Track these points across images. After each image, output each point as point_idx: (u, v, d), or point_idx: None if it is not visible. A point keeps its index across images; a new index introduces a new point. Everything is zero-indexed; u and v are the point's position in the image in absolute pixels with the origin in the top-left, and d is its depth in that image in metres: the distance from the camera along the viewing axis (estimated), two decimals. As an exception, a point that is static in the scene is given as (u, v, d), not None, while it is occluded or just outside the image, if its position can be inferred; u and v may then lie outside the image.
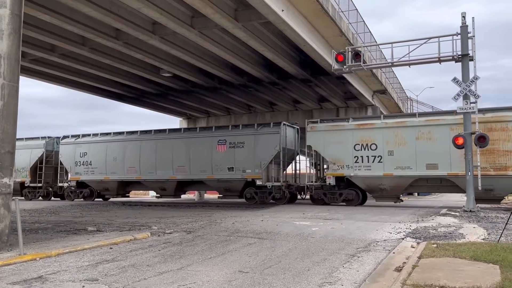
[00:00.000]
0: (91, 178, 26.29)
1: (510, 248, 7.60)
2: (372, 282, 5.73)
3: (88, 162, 26.29)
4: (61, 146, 27.43)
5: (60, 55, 21.18)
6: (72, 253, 7.91)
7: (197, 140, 23.52)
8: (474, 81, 15.98)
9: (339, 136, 20.53)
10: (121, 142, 25.68)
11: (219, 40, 19.30)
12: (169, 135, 24.60)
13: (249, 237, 9.91)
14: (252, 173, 21.92)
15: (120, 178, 25.44)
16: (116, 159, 25.44)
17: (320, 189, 21.22)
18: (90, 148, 26.47)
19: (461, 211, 15.55)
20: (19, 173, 28.31)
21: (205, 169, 22.96)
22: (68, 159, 27.03)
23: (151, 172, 24.43)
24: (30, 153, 28.14)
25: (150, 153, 24.52)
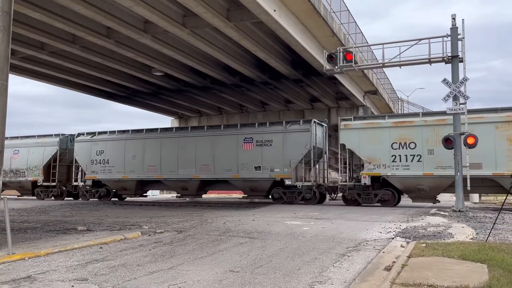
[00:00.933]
0: (108, 177, 25.43)
1: (498, 248, 7.69)
2: (362, 281, 5.77)
3: (105, 161, 25.47)
4: (76, 143, 26.61)
5: (50, 53, 21.00)
6: (62, 252, 7.86)
7: (221, 138, 22.82)
8: (464, 83, 16.14)
9: (375, 134, 19.75)
10: (141, 139, 24.86)
11: (211, 39, 19.27)
12: (192, 133, 23.92)
13: (240, 237, 9.92)
14: (280, 172, 21.25)
15: (139, 177, 24.59)
16: (135, 157, 24.62)
17: (354, 189, 20.42)
18: (107, 146, 25.63)
19: (450, 211, 15.70)
20: (30, 172, 27.87)
21: (230, 168, 22.27)
22: (83, 157, 26.22)
23: (172, 171, 23.64)
24: (43, 151, 27.49)
25: (172, 151, 23.74)
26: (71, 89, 28.46)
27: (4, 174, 28.05)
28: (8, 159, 28.02)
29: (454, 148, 16.27)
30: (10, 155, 28.33)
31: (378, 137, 19.79)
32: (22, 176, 28.22)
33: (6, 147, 28.32)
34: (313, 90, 26.72)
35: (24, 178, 28.19)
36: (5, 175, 28.09)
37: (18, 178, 28.34)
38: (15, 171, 28.41)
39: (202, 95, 28.50)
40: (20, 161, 28.24)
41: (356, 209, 18.35)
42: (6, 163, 27.84)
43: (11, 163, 28.43)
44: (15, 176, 28.42)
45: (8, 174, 28.29)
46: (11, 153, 28.44)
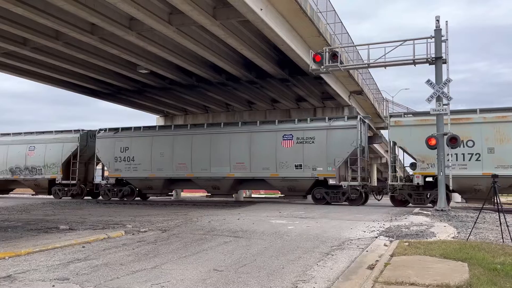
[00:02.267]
0: (133, 175, 24.23)
1: (478, 247, 7.83)
2: (345, 280, 5.80)
3: (130, 158, 24.28)
4: (98, 140, 25.39)
5: (33, 49, 20.64)
6: (43, 252, 7.73)
7: (258, 135, 21.77)
8: (447, 84, 16.39)
9: (429, 132, 18.07)
10: (169, 136, 23.74)
11: (197, 37, 19.18)
12: (226, 129, 22.87)
13: (225, 236, 9.89)
14: (324, 171, 20.21)
15: (168, 175, 23.49)
16: (164, 154, 23.51)
17: (404, 190, 19.42)
18: (132, 142, 24.47)
19: (433, 210, 15.93)
20: (48, 169, 26.60)
21: (268, 166, 21.18)
22: (106, 154, 25.07)
23: (204, 169, 22.53)
24: (61, 148, 26.33)
25: (204, 148, 22.66)
26: (54, 86, 28.01)
27: (19, 172, 27.31)
28: (23, 155, 27.26)
29: (438, 148, 16.51)
30: (25, 152, 27.29)
31: None
32: (39, 173, 26.88)
33: (20, 143, 27.42)
34: (299, 90, 26.81)
35: (40, 176, 26.85)
36: (19, 172, 27.32)
37: (34, 175, 27.02)
38: (31, 168, 27.11)
39: (188, 93, 28.35)
40: (37, 158, 26.94)
41: (340, 208, 18.46)
42: (20, 160, 27.19)
43: (26, 160, 27.23)
44: (30, 174, 27.12)
45: (23, 171, 27.21)
46: (26, 149, 27.33)
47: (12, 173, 27.54)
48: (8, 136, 28.56)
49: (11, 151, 27.68)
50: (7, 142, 28.05)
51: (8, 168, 27.61)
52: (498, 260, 6.60)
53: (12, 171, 27.54)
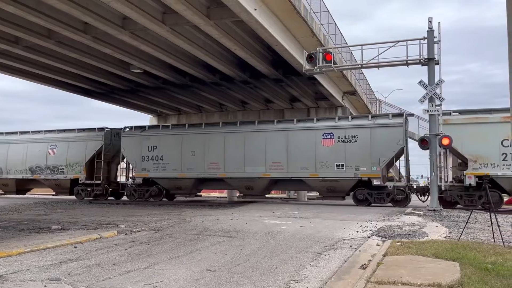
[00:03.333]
0: (161, 175, 23.34)
1: (470, 246, 7.89)
2: (337, 280, 5.83)
3: (159, 157, 23.38)
4: (124, 138, 24.55)
5: (25, 48, 20.45)
6: (34, 252, 7.68)
7: (296, 133, 20.91)
8: (439, 84, 16.51)
9: (482, 130, 17.92)
10: (201, 134, 22.94)
11: (191, 37, 19.13)
12: (261, 127, 22.01)
13: (218, 236, 9.89)
14: (367, 171, 19.36)
15: (199, 175, 22.62)
16: (195, 153, 22.66)
17: (453, 190, 18.52)
18: (160, 141, 23.58)
19: (425, 211, 16.03)
20: (71, 169, 25.54)
21: (306, 166, 20.31)
22: (132, 153, 24.18)
23: (238, 168, 21.70)
24: (85, 146, 25.35)
25: (237, 147, 21.80)
26: (47, 85, 27.78)
27: (39, 171, 26.33)
28: (44, 154, 26.22)
29: (430, 149, 16.62)
30: (46, 150, 26.22)
31: (485, 133, 17.99)
32: (61, 173, 25.83)
33: (41, 142, 26.48)
34: (293, 90, 26.84)
35: (62, 175, 25.79)
36: (40, 172, 26.32)
37: (56, 175, 25.93)
38: (52, 167, 26.04)
39: (181, 93, 28.26)
40: (58, 157, 25.93)
41: (333, 208, 18.51)
42: (41, 159, 26.25)
43: (47, 159, 26.16)
44: (51, 173, 26.03)
45: (43, 171, 26.15)
46: (47, 148, 26.26)
47: (32, 173, 26.55)
48: (27, 134, 27.58)
49: (31, 149, 26.69)
50: (26, 140, 27.09)
51: (28, 167, 26.60)
52: (489, 260, 6.66)
53: (32, 170, 26.54)
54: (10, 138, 27.67)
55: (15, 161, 26.97)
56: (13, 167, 27.04)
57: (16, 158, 26.97)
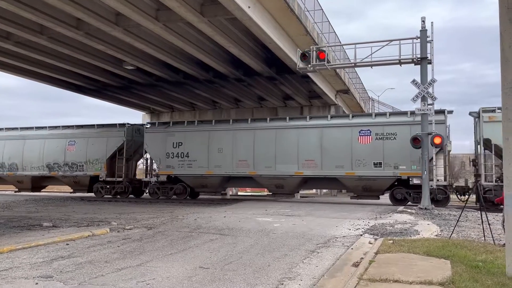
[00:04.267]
0: (187, 172, 22.59)
1: (460, 244, 7.96)
2: (330, 277, 5.85)
3: (185, 154, 22.64)
4: (147, 134, 23.82)
5: (16, 43, 20.26)
6: (26, 249, 7.62)
7: (331, 130, 20.24)
8: (432, 84, 16.62)
9: None
10: (229, 131, 22.20)
11: (185, 34, 19.06)
12: (292, 123, 21.33)
13: (211, 233, 9.89)
14: (407, 170, 18.73)
15: (227, 173, 21.95)
16: (222, 150, 21.97)
17: (499, 190, 17.65)
18: (186, 137, 22.85)
19: (417, 209, 16.14)
20: (90, 165, 24.76)
21: (342, 164, 19.67)
22: (156, 150, 23.43)
23: (268, 166, 20.99)
24: (105, 142, 24.57)
25: (268, 144, 21.11)
26: (38, 81, 27.55)
27: (57, 168, 25.56)
28: (62, 150, 25.44)
29: (422, 148, 16.74)
30: (65, 146, 25.46)
31: None
32: (80, 170, 25.03)
33: (59, 137, 25.56)
34: (286, 88, 26.87)
35: (82, 172, 25.00)
36: (58, 168, 25.55)
37: (74, 172, 25.17)
38: (71, 164, 25.25)
39: (174, 90, 28.18)
40: (77, 153, 25.14)
41: (326, 206, 18.59)
42: (59, 155, 25.45)
43: (66, 156, 25.35)
44: (70, 170, 25.25)
45: (61, 167, 25.34)
46: (65, 144, 25.50)
47: (50, 169, 25.72)
48: (44, 129, 26.78)
49: (48, 145, 25.88)
50: (44, 136, 26.27)
51: (45, 163, 25.77)
52: (480, 258, 6.72)
53: (50, 167, 25.71)
54: (26, 134, 26.81)
55: (31, 158, 26.13)
56: (29, 164, 26.17)
57: (32, 155, 26.14)
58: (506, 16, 5.79)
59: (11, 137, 27.08)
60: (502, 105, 5.86)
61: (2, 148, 27.01)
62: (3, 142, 27.13)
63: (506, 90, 5.78)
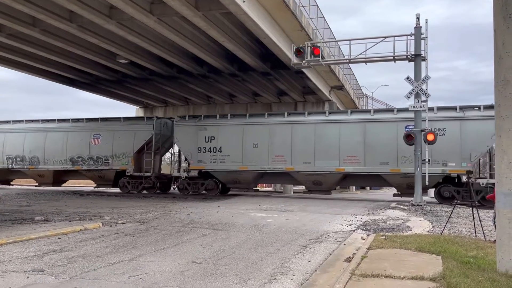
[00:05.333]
0: (220, 167, 21.83)
1: (452, 240, 8.03)
2: (322, 272, 5.88)
3: (217, 149, 21.89)
4: (177, 128, 22.97)
5: (8, 36, 20.03)
6: (17, 243, 7.57)
7: (374, 125, 19.42)
8: (425, 81, 16.66)
9: None
10: (265, 125, 21.42)
11: (179, 28, 18.94)
12: (333, 117, 20.66)
13: (204, 228, 9.88)
14: (457, 167, 17.96)
15: (262, 168, 21.16)
16: (258, 145, 21.20)
17: None
18: (219, 131, 22.08)
19: (409, 205, 16.23)
20: (117, 160, 23.78)
21: (387, 160, 18.91)
22: (187, 144, 22.63)
23: (307, 162, 20.20)
24: (133, 136, 23.57)
25: (307, 138, 20.31)
26: (31, 74, 27.28)
27: (81, 162, 24.52)
28: (86, 144, 24.43)
29: (415, 144, 16.81)
30: (89, 140, 24.43)
31: None
32: (105, 164, 24.02)
33: (83, 130, 24.60)
34: (281, 84, 26.84)
35: (107, 167, 23.98)
36: (82, 162, 24.51)
37: (100, 166, 24.10)
38: (96, 158, 24.20)
39: (168, 84, 28.04)
40: (103, 147, 24.12)
41: (319, 202, 18.65)
42: (83, 148, 24.57)
43: (90, 149, 24.32)
44: (95, 164, 24.18)
45: (86, 161, 24.31)
46: (90, 137, 24.47)
47: (73, 163, 24.67)
48: (67, 122, 25.76)
49: (72, 138, 24.87)
50: (67, 128, 25.32)
51: (69, 157, 24.72)
52: (471, 254, 6.78)
53: (73, 161, 24.65)
54: (48, 126, 25.80)
55: (54, 151, 25.11)
56: (52, 157, 25.14)
57: (54, 148, 25.13)
58: (499, 13, 5.81)
59: (31, 129, 25.98)
60: (495, 102, 5.90)
61: (22, 141, 25.91)
62: (23, 134, 26.01)
63: (499, 87, 5.81)
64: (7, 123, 27.07)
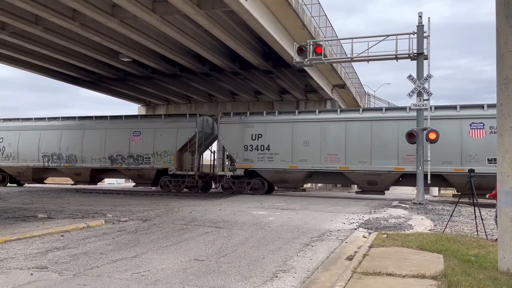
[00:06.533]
0: (268, 166, 21.23)
1: (453, 239, 8.04)
2: (324, 270, 5.90)
3: (265, 147, 21.25)
4: (222, 125, 22.43)
5: (11, 34, 20.08)
6: (21, 240, 7.62)
7: (437, 123, 18.23)
8: (428, 79, 16.65)
9: None
10: (316, 122, 20.73)
11: (181, 26, 18.97)
12: (390, 114, 19.64)
13: (206, 226, 9.91)
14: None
15: (314, 167, 20.44)
16: (309, 143, 20.51)
17: None
18: (267, 128, 21.47)
19: (411, 204, 16.24)
20: (158, 158, 23.30)
21: (450, 159, 18.00)
22: (233, 142, 22.00)
23: (363, 161, 19.50)
24: (175, 134, 23.05)
25: (362, 136, 19.56)
26: (34, 72, 27.36)
27: (120, 160, 24.00)
28: (126, 142, 23.85)
29: (417, 143, 16.80)
30: (129, 137, 23.86)
31: None
32: (146, 163, 23.49)
33: (122, 128, 23.94)
34: (283, 82, 26.85)
35: (148, 165, 23.45)
36: (121, 161, 23.99)
37: (140, 165, 23.59)
38: (136, 156, 23.65)
39: (170, 82, 28.08)
40: (143, 145, 23.58)
41: (321, 200, 18.66)
42: (123, 147, 24.04)
43: (130, 147, 23.76)
44: (135, 163, 23.67)
45: (125, 160, 23.79)
46: (130, 134, 23.88)
47: (112, 161, 24.18)
48: (105, 119, 25.17)
49: (110, 136, 24.36)
50: (105, 126, 24.75)
51: (107, 155, 24.20)
52: (472, 252, 6.79)
53: (112, 159, 24.14)
54: (85, 123, 25.42)
55: (92, 149, 24.64)
56: (90, 155, 24.69)
57: (92, 146, 24.66)
58: (502, 12, 5.81)
59: (68, 126, 25.58)
60: (497, 101, 5.90)
61: (58, 138, 25.37)
62: (59, 131, 25.51)
63: (501, 86, 5.81)
64: (43, 120, 26.46)
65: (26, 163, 25.88)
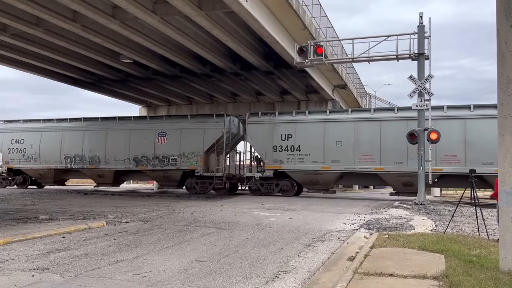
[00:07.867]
0: (298, 167, 20.76)
1: (455, 239, 8.03)
2: (325, 271, 5.89)
3: (295, 147, 20.80)
4: (250, 126, 21.96)
5: (13, 35, 20.12)
6: (22, 241, 7.63)
7: (475, 122, 18.02)
8: (429, 80, 16.64)
9: None
10: (348, 122, 20.31)
11: (182, 27, 18.98)
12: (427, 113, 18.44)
13: (207, 227, 9.91)
14: None
15: (347, 168, 20.02)
16: (341, 144, 20.10)
17: None
18: (297, 129, 20.99)
19: (413, 204, 16.23)
20: (185, 159, 22.90)
21: (491, 160, 17.21)
22: (262, 142, 21.64)
23: (399, 162, 18.95)
24: (202, 134, 22.65)
25: (398, 136, 18.82)
26: (34, 73, 27.39)
27: (145, 161, 23.62)
28: (151, 143, 23.46)
29: (418, 144, 16.79)
30: (154, 138, 23.48)
31: None
32: (172, 164, 23.09)
33: (147, 129, 23.40)
34: (284, 83, 26.85)
35: (174, 166, 23.05)
36: (146, 162, 23.62)
37: (166, 166, 23.19)
38: (162, 157, 23.27)
39: (171, 84, 28.10)
40: (169, 146, 23.16)
41: (322, 201, 18.65)
42: (148, 148, 23.54)
43: (155, 148, 23.36)
44: (160, 164, 23.28)
45: (151, 161, 23.39)
46: (155, 135, 23.51)
47: (137, 163, 23.78)
48: (129, 120, 24.91)
49: (135, 137, 23.94)
50: (129, 127, 24.39)
51: (132, 156, 23.82)
52: (474, 253, 6.78)
53: (137, 161, 23.76)
54: (108, 124, 25.13)
55: (116, 150, 24.25)
56: (113, 157, 24.27)
57: (116, 147, 24.27)
58: (503, 12, 5.81)
59: (91, 127, 25.26)
60: (498, 101, 5.89)
61: (81, 139, 25.09)
62: (82, 133, 25.22)
63: (502, 86, 5.81)
64: (65, 121, 26.28)
65: (48, 164, 25.63)
